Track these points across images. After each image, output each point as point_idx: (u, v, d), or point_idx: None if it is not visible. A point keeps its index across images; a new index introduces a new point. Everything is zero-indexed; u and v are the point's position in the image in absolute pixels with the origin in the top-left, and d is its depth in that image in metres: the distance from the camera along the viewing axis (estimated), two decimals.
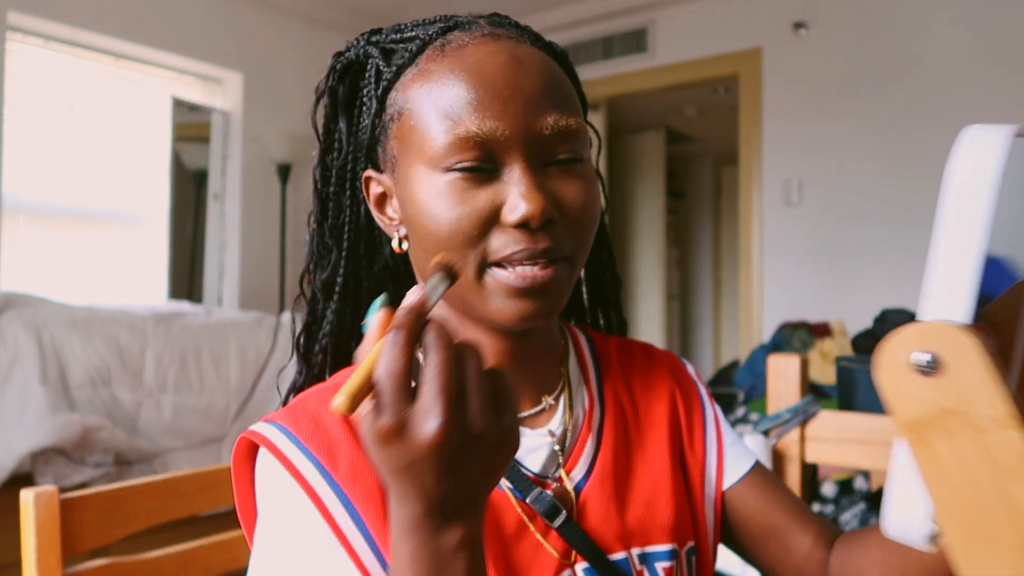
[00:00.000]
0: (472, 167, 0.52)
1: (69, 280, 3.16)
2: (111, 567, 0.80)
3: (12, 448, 2.02)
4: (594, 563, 0.57)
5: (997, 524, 0.30)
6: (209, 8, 3.62)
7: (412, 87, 0.55)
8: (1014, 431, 0.29)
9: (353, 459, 0.54)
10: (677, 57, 3.85)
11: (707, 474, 0.67)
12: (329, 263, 0.64)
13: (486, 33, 0.55)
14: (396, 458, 0.40)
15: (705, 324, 6.83)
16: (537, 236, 0.52)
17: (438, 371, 0.39)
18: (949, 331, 0.30)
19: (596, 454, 0.62)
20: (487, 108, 0.51)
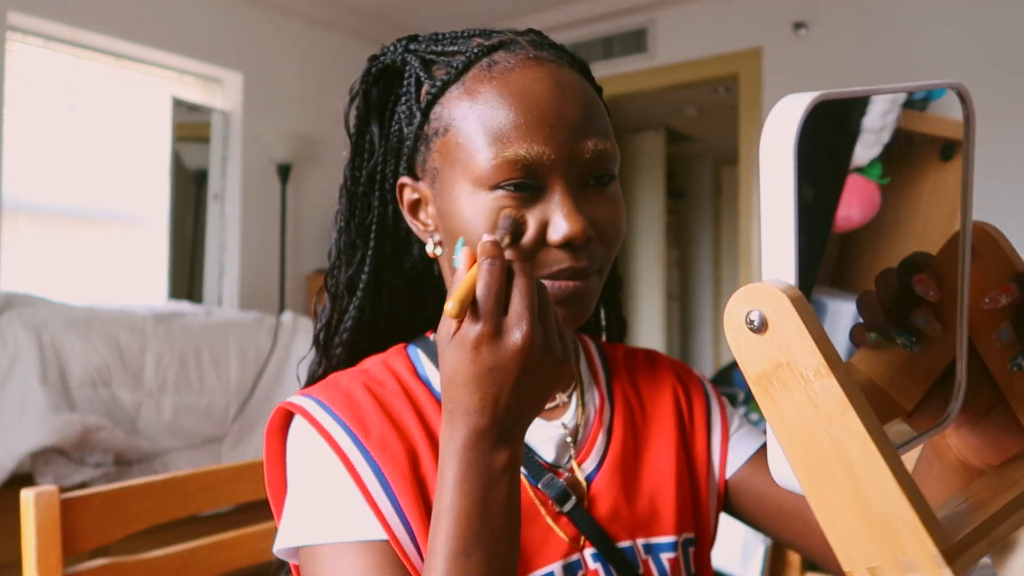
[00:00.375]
0: (518, 188, 0.55)
1: (69, 280, 3.16)
2: (111, 567, 0.80)
3: (12, 448, 2.02)
4: (601, 549, 0.61)
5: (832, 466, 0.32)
6: (209, 8, 3.62)
7: (459, 105, 0.58)
8: (830, 379, 0.31)
9: (382, 431, 0.58)
10: (677, 57, 3.85)
11: (711, 465, 0.71)
12: (355, 261, 0.67)
13: (531, 56, 0.58)
14: (485, 360, 0.46)
15: (705, 324, 6.83)
16: (579, 254, 0.57)
17: (525, 292, 0.47)
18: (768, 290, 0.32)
19: (607, 448, 0.66)
20: (535, 133, 0.55)
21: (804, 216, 0.33)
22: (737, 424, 0.73)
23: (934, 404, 0.40)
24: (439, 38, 0.63)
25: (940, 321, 0.38)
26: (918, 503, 0.31)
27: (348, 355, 0.68)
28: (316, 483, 0.58)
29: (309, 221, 4.05)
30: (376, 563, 0.54)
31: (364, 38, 4.32)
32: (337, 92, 2.98)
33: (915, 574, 0.31)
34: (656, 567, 0.63)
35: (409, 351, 0.67)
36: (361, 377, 0.63)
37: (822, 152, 0.34)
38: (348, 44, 4.26)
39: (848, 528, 0.33)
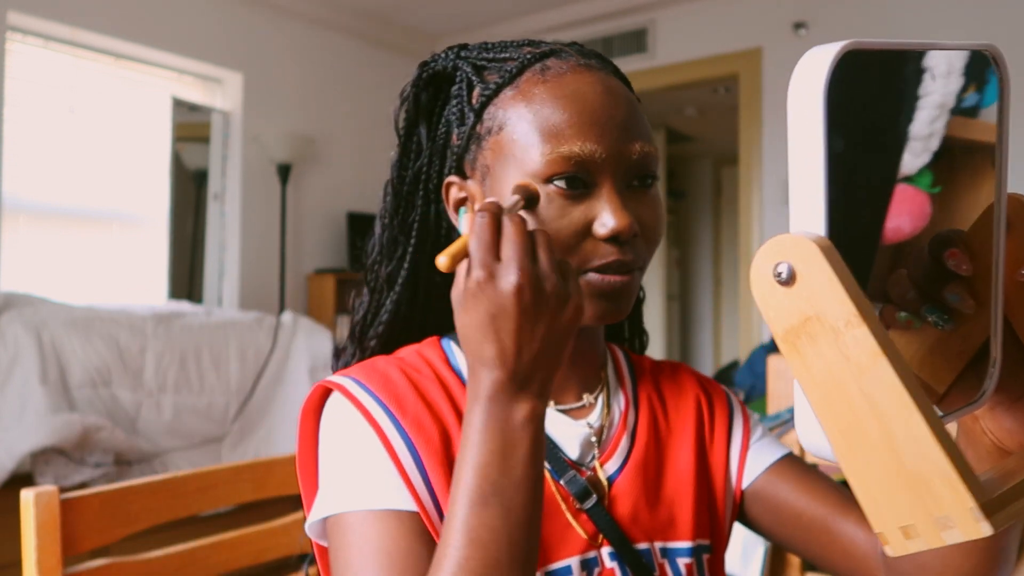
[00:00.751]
0: (569, 183, 0.58)
1: (69, 280, 3.16)
2: (111, 567, 0.80)
3: (12, 448, 2.02)
4: (618, 548, 0.62)
5: (863, 420, 0.31)
6: (209, 8, 3.62)
7: (514, 105, 0.61)
8: (862, 328, 0.30)
9: (417, 411, 0.61)
10: (677, 57, 3.85)
11: (729, 474, 0.71)
12: (395, 256, 0.69)
13: (580, 63, 0.62)
14: (485, 306, 0.48)
15: (705, 324, 6.83)
16: (625, 248, 0.59)
17: (513, 236, 0.49)
18: (797, 241, 0.31)
19: (630, 450, 0.67)
20: (588, 131, 0.58)
21: (834, 167, 0.32)
22: (760, 434, 0.73)
23: (967, 386, 0.39)
24: (489, 47, 0.66)
25: (973, 297, 0.37)
26: (954, 455, 0.30)
27: (382, 348, 0.71)
28: (350, 454, 0.59)
29: (309, 221, 4.05)
30: (405, 531, 0.55)
31: (364, 38, 4.32)
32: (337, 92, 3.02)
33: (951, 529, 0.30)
34: (672, 571, 0.64)
35: (443, 343, 0.69)
36: (397, 362, 0.65)
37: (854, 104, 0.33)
38: (348, 44, 4.26)
39: (880, 486, 0.31)
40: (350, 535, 0.55)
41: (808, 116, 0.31)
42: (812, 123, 0.31)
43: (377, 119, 4.35)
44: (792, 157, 0.32)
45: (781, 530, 0.69)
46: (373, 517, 0.55)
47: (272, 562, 0.96)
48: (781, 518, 0.69)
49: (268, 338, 2.76)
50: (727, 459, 0.72)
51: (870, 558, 0.64)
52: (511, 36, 0.66)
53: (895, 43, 0.33)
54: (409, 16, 4.28)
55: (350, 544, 0.55)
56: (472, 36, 4.47)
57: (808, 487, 0.68)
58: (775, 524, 0.70)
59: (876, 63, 0.33)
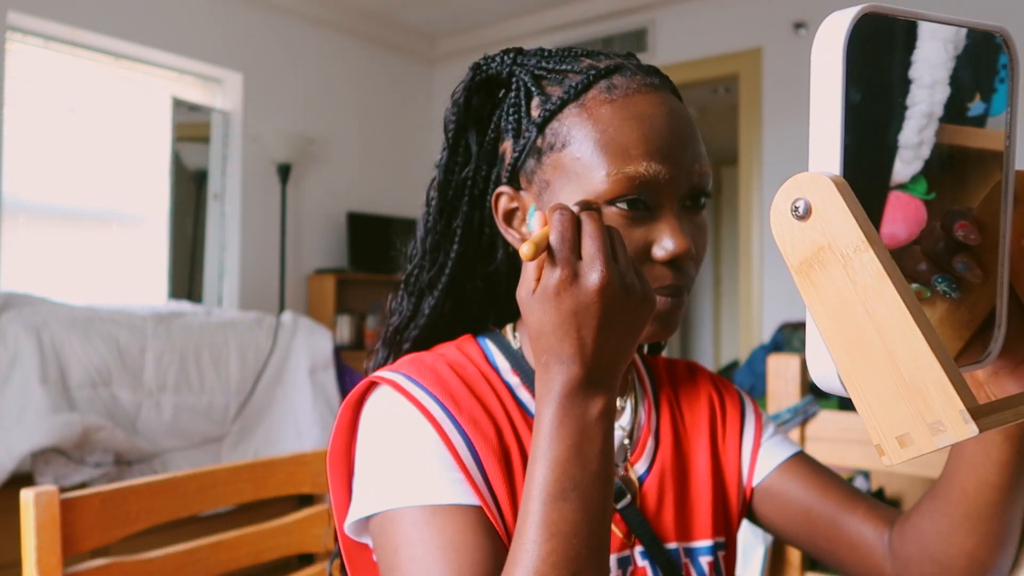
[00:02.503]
0: (632, 205, 0.58)
1: (69, 280, 3.16)
2: (111, 567, 0.80)
3: (12, 448, 2.02)
4: (650, 548, 0.63)
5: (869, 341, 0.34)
6: (209, 8, 3.62)
7: (579, 123, 0.60)
8: (868, 253, 0.33)
9: (472, 407, 0.61)
10: (677, 57, 3.85)
11: (741, 472, 0.72)
12: (438, 261, 0.69)
13: (646, 83, 0.61)
14: (568, 304, 0.48)
15: (705, 324, 6.83)
16: (680, 272, 0.60)
17: (594, 234, 0.49)
18: (814, 178, 0.35)
19: (656, 452, 0.68)
20: (654, 153, 0.58)
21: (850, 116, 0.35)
22: (771, 433, 0.74)
23: (974, 352, 0.41)
24: (547, 55, 0.65)
25: (981, 267, 0.39)
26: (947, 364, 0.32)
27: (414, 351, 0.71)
28: (403, 450, 0.58)
29: (309, 221, 4.05)
30: (470, 524, 0.54)
31: (364, 38, 4.32)
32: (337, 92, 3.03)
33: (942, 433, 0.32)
34: (696, 570, 0.66)
35: (479, 341, 0.69)
36: (442, 358, 0.65)
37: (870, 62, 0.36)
38: (348, 44, 4.26)
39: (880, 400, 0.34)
40: (409, 531, 0.54)
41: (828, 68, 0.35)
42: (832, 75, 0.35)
43: (377, 119, 4.35)
44: (813, 106, 0.36)
45: (789, 526, 0.70)
46: (434, 512, 0.54)
47: (272, 562, 0.96)
48: (789, 514, 0.70)
49: (268, 338, 2.76)
50: (739, 457, 0.73)
51: (876, 552, 0.65)
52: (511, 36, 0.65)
53: (912, 12, 0.36)
54: (409, 16, 4.27)
55: (411, 541, 0.54)
56: (472, 36, 4.47)
57: (816, 484, 0.69)
58: (783, 520, 0.70)
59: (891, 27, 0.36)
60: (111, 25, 3.25)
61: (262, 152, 3.76)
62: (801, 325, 2.97)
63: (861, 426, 1.02)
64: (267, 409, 2.70)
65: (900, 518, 0.64)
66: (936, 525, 0.59)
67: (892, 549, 0.63)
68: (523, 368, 0.66)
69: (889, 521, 0.65)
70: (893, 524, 0.65)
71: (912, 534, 0.61)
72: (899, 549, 0.62)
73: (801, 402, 1.07)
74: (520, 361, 0.67)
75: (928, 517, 0.60)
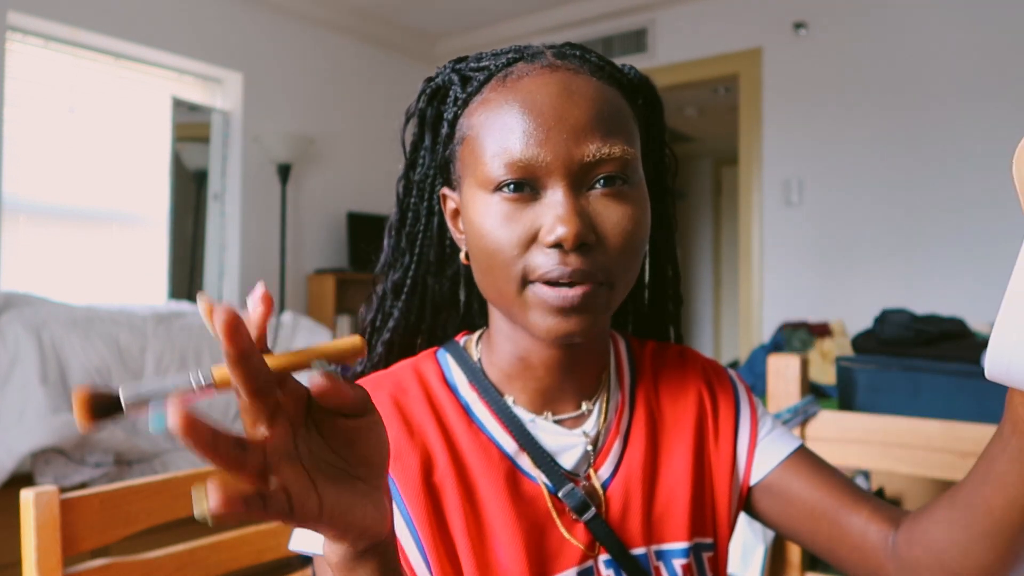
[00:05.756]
0: (515, 190, 0.57)
1: (69, 280, 3.16)
2: (111, 567, 0.80)
3: (12, 448, 2.02)
4: (616, 556, 0.62)
5: None
6: (209, 8, 3.62)
7: (476, 114, 0.60)
8: None
9: (397, 440, 0.60)
10: (677, 57, 3.85)
11: (736, 470, 0.70)
12: (401, 266, 0.70)
13: (546, 64, 0.59)
14: None
15: (705, 324, 6.83)
16: (570, 257, 0.56)
17: None
18: None
19: (622, 455, 0.66)
20: (531, 136, 0.56)
21: None
22: (769, 428, 0.72)
23: None
24: (480, 56, 0.65)
25: None
26: None
27: (387, 354, 0.71)
28: None
29: (309, 221, 4.05)
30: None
31: (364, 38, 4.32)
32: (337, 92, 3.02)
33: None
34: (668, 574, 0.64)
35: (439, 356, 0.68)
36: (386, 384, 0.65)
37: None
38: (348, 44, 4.26)
39: None
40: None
41: None
42: None
43: (377, 119, 4.35)
44: None
45: (790, 523, 0.69)
46: None
47: (272, 562, 0.96)
48: (791, 511, 0.68)
49: (268, 338, 2.76)
50: (733, 454, 0.70)
51: (879, 553, 0.63)
52: (511, 36, 0.66)
53: None
54: (409, 16, 4.27)
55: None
56: (472, 36, 4.47)
57: (820, 481, 0.67)
58: (784, 517, 0.69)
59: None
60: (111, 25, 3.25)
61: (262, 152, 3.76)
62: (801, 325, 2.97)
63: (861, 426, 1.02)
64: None
65: (907, 520, 0.62)
66: (952, 536, 0.57)
67: (897, 551, 0.62)
68: (481, 383, 0.65)
69: (894, 522, 0.63)
70: (898, 525, 0.63)
71: (922, 540, 0.59)
72: (905, 552, 0.61)
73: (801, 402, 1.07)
74: (478, 376, 0.66)
75: (944, 527, 0.58)
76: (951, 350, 1.24)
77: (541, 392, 0.66)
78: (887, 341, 1.31)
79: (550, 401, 0.66)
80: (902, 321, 1.31)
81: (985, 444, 0.55)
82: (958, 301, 2.87)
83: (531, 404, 0.66)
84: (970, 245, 3.04)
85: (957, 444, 0.92)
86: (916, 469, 0.96)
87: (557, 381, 0.66)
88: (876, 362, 1.28)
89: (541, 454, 0.63)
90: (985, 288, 2.96)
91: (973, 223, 3.03)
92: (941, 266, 3.11)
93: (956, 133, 3.09)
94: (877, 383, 1.26)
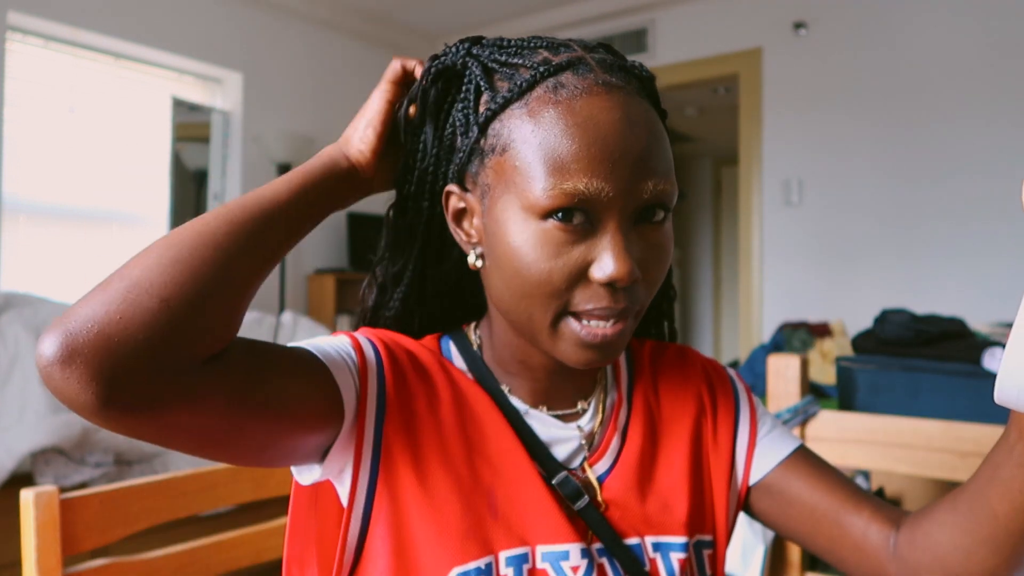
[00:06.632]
0: (572, 221, 0.54)
1: (69, 280, 3.16)
2: (111, 567, 0.80)
3: (12, 448, 2.02)
4: (608, 544, 0.62)
5: None
6: (209, 8, 3.62)
7: (520, 126, 0.56)
8: None
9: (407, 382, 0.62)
10: (677, 57, 3.85)
11: (734, 470, 0.70)
12: (400, 257, 0.69)
13: (599, 82, 0.56)
14: None
15: (705, 324, 6.83)
16: (619, 295, 0.55)
17: None
18: None
19: (620, 450, 0.67)
20: (596, 168, 0.53)
21: None
22: (768, 427, 0.72)
23: None
24: (504, 45, 0.61)
25: None
26: None
27: None
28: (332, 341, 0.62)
29: None
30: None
31: (364, 38, 4.32)
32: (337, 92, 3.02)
33: None
34: (664, 566, 0.64)
35: (442, 342, 0.69)
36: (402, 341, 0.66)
37: None
38: (348, 44, 4.26)
39: None
40: None
41: None
42: None
43: None
44: None
45: (789, 523, 0.68)
46: None
47: (272, 562, 0.96)
48: (791, 511, 0.68)
49: (268, 338, 2.76)
50: (731, 453, 0.70)
51: (881, 554, 0.63)
52: (511, 36, 0.64)
53: None
54: (409, 16, 4.27)
55: None
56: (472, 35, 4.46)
57: (820, 481, 0.67)
58: (784, 517, 0.69)
59: None
60: (111, 25, 3.25)
61: (262, 152, 3.76)
62: (801, 325, 2.97)
63: (861, 426, 1.02)
64: None
65: (908, 521, 0.62)
66: (955, 540, 0.57)
67: (898, 552, 0.62)
68: (479, 370, 0.66)
69: (895, 523, 0.63)
70: (899, 526, 0.63)
71: (924, 543, 0.60)
72: (907, 554, 0.61)
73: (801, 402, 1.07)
74: (477, 363, 0.67)
75: (947, 530, 0.58)
76: (951, 350, 1.24)
77: (538, 390, 0.67)
78: (887, 341, 1.31)
79: (546, 398, 0.67)
80: (902, 321, 1.31)
81: (985, 444, 0.56)
82: (958, 301, 2.87)
83: (527, 398, 0.66)
84: (970, 245, 3.04)
85: (957, 444, 0.92)
86: (916, 469, 0.96)
87: (555, 382, 0.67)
88: (876, 362, 1.28)
89: (536, 443, 0.64)
90: (985, 288, 2.96)
91: (973, 223, 3.03)
92: (941, 266, 3.11)
93: (956, 133, 3.09)
94: (877, 383, 1.26)
